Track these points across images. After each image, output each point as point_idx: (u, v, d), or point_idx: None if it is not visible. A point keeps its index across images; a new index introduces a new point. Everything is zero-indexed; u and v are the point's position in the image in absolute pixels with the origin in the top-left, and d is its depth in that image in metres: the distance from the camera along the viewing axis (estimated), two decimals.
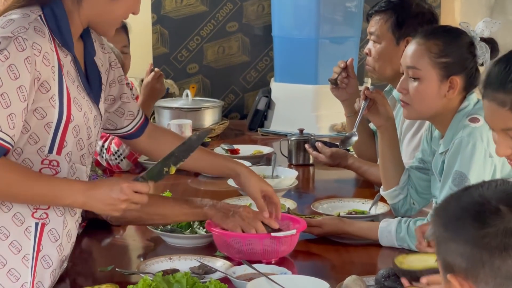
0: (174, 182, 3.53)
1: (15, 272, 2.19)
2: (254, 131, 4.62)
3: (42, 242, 2.21)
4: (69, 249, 2.31)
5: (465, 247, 1.42)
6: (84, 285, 2.23)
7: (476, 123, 2.60)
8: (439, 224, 1.49)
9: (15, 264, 2.18)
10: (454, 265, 1.44)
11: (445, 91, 2.63)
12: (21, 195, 2.13)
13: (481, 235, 1.41)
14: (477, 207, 1.44)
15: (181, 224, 2.73)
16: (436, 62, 2.62)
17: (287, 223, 2.63)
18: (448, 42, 2.63)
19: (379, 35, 3.34)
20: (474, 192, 1.47)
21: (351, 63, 3.47)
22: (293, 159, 3.80)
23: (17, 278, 2.19)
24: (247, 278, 2.28)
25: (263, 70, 5.15)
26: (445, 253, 1.47)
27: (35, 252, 2.20)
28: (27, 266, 2.19)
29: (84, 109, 2.24)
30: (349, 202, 3.07)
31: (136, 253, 2.67)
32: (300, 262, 2.58)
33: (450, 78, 2.62)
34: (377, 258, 2.65)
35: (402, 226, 2.66)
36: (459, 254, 1.43)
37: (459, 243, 1.43)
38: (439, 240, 1.48)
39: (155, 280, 2.15)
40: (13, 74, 2.08)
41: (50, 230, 2.22)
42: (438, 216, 1.51)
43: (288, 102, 4.59)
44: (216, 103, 4.59)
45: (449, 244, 1.45)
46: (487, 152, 2.57)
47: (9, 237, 2.18)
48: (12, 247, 2.18)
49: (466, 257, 1.42)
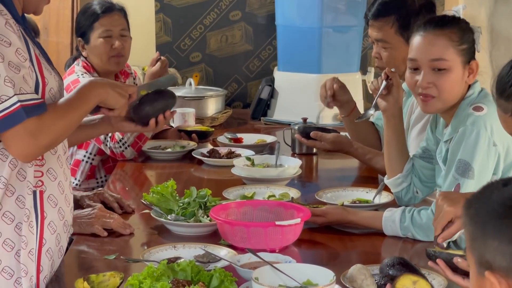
0: (177, 171, 3.54)
1: (9, 241, 2.23)
2: (257, 120, 4.61)
3: (45, 209, 2.27)
4: (69, 214, 2.37)
5: (508, 247, 1.40)
6: (88, 273, 2.23)
7: (480, 112, 2.60)
8: (476, 220, 1.46)
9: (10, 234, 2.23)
10: (493, 263, 1.42)
11: (466, 77, 2.65)
12: (69, 128, 2.28)
13: None
14: None
15: (185, 213, 2.73)
16: (459, 49, 2.63)
17: (291, 211, 2.63)
18: (461, 29, 2.64)
19: (387, 40, 3.31)
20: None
21: (336, 87, 3.50)
22: (296, 148, 3.80)
23: (12, 248, 2.23)
24: (251, 267, 2.28)
25: (266, 59, 5.15)
26: (482, 249, 1.44)
27: (39, 220, 2.25)
28: (32, 232, 2.24)
29: (52, 73, 2.32)
30: (353, 191, 3.07)
31: (140, 241, 2.67)
32: (304, 251, 2.58)
33: (471, 62, 2.64)
34: (381, 247, 2.65)
35: (406, 215, 2.66)
36: (501, 252, 1.41)
37: (502, 242, 1.41)
38: (475, 236, 1.45)
39: (159, 268, 2.15)
40: (5, 42, 2.15)
41: (49, 196, 2.28)
42: (474, 210, 1.48)
43: (291, 91, 4.58)
44: (219, 92, 4.59)
45: (489, 241, 1.42)
46: (491, 141, 2.57)
47: (1, 210, 2.22)
48: (5, 218, 2.23)
49: (509, 256, 1.40)
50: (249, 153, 3.60)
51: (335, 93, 3.52)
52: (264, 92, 4.65)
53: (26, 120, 2.13)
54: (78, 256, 2.56)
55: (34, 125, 2.15)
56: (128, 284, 2.10)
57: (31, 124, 2.14)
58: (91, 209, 2.72)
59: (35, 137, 2.15)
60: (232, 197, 2.97)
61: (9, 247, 2.23)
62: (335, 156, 3.63)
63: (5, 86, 2.12)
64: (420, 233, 2.64)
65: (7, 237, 2.23)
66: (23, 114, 2.13)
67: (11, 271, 2.22)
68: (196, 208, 2.74)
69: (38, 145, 2.17)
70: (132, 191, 3.28)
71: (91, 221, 2.67)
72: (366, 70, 4.79)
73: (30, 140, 2.15)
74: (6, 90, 2.13)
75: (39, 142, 2.16)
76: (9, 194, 2.23)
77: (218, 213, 2.58)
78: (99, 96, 2.35)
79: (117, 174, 3.51)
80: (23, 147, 2.16)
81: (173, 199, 2.79)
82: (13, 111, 2.12)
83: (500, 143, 2.58)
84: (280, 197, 2.99)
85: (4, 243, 2.23)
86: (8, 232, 2.23)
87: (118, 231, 2.68)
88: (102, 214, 2.71)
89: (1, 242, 2.22)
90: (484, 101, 2.64)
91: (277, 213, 2.65)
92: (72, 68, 3.79)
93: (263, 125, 4.52)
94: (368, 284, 2.18)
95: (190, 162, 3.67)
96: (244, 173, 3.29)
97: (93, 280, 2.18)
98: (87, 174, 3.78)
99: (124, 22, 3.81)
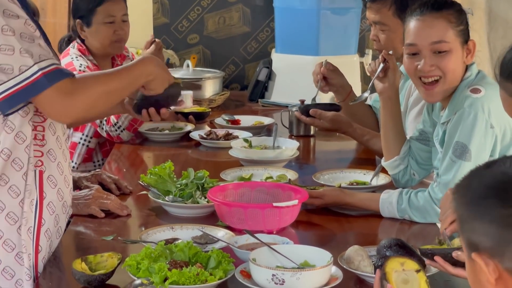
0: (175, 152, 3.54)
1: (13, 215, 2.24)
2: (254, 102, 4.61)
3: (44, 189, 2.27)
4: (68, 195, 2.37)
5: (490, 227, 1.41)
6: (86, 254, 2.23)
7: (478, 94, 2.60)
8: (462, 203, 1.47)
9: (13, 208, 2.24)
10: (479, 244, 1.43)
11: (464, 57, 2.65)
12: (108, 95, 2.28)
13: (507, 214, 1.39)
14: (501, 185, 1.42)
15: (183, 194, 2.73)
16: (457, 30, 2.63)
17: (289, 193, 2.63)
18: (457, 10, 2.64)
19: (385, 23, 3.31)
20: (497, 170, 1.45)
21: (324, 70, 3.53)
22: (294, 130, 3.80)
23: (15, 221, 2.23)
24: (249, 248, 2.28)
25: (264, 41, 5.14)
26: (469, 232, 1.45)
27: (38, 199, 2.25)
28: (31, 210, 2.25)
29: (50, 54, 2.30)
30: (350, 173, 3.07)
31: (138, 222, 2.67)
32: (301, 233, 2.59)
33: (469, 42, 2.64)
34: (378, 229, 2.66)
35: (403, 197, 2.67)
36: (484, 233, 1.42)
37: (484, 223, 1.42)
38: (463, 219, 1.47)
39: (157, 249, 2.16)
40: (13, 16, 2.15)
41: (49, 177, 2.28)
42: (460, 195, 1.49)
43: (289, 73, 4.58)
44: (217, 74, 4.58)
45: (474, 223, 1.43)
46: (488, 123, 2.57)
47: (8, 183, 2.23)
48: (11, 192, 2.24)
49: (492, 236, 1.41)
50: (247, 135, 3.60)
51: (326, 76, 3.53)
52: (262, 74, 4.65)
53: (56, 84, 2.13)
54: (75, 237, 2.56)
55: (68, 85, 2.15)
56: (126, 264, 2.10)
57: (65, 85, 2.14)
58: (88, 190, 2.73)
59: (71, 96, 2.15)
60: (229, 178, 2.98)
61: (12, 220, 2.24)
62: (332, 138, 3.63)
63: (22, 57, 2.13)
64: (417, 215, 2.64)
65: (11, 211, 2.23)
66: (45, 82, 2.13)
67: (12, 244, 2.23)
68: (193, 190, 2.74)
69: (75, 105, 2.17)
70: (129, 172, 3.28)
71: (88, 202, 2.68)
72: (363, 52, 4.78)
73: (65, 100, 2.15)
74: (25, 60, 2.13)
75: (76, 102, 2.16)
76: (17, 168, 2.23)
77: (216, 195, 2.59)
78: (150, 75, 2.38)
79: (114, 156, 3.51)
80: (59, 107, 2.16)
81: (171, 180, 2.79)
82: (35, 80, 2.12)
83: (497, 125, 2.58)
84: (277, 179, 2.99)
85: (7, 216, 2.23)
86: (12, 206, 2.24)
87: (115, 212, 2.68)
88: (99, 195, 2.71)
89: (4, 215, 2.23)
90: (481, 83, 2.63)
91: (274, 195, 2.65)
92: (67, 51, 3.79)
93: (260, 107, 4.52)
94: (365, 265, 2.18)
95: (188, 143, 3.67)
96: (241, 154, 3.29)
97: (91, 260, 2.19)
98: (84, 156, 3.78)
99: (125, 7, 3.81)
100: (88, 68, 3.69)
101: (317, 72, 3.56)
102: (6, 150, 2.22)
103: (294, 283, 2.02)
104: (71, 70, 3.62)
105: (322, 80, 3.54)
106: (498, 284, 1.43)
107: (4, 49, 2.12)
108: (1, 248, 2.23)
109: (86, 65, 3.69)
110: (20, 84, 2.12)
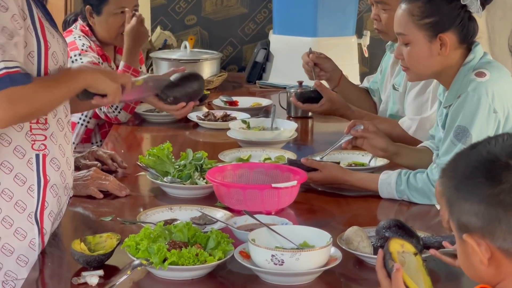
0: (173, 133, 3.53)
1: (21, 203, 2.24)
2: (252, 84, 4.60)
3: (48, 172, 2.26)
4: (70, 178, 2.36)
5: (479, 206, 1.41)
6: (85, 235, 2.23)
7: (482, 78, 2.57)
8: (449, 185, 1.47)
9: (21, 196, 2.24)
10: (469, 224, 1.43)
11: (437, 50, 2.61)
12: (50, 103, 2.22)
13: (495, 193, 1.40)
14: (488, 165, 1.43)
15: (181, 175, 2.73)
16: (420, 24, 2.60)
17: (288, 174, 2.63)
18: (428, 2, 2.61)
19: (387, 2, 3.28)
20: (482, 150, 1.46)
21: (313, 57, 3.55)
22: (292, 112, 3.79)
23: (24, 209, 2.24)
24: (248, 229, 2.28)
25: (262, 22, 5.12)
26: (458, 214, 1.45)
27: (41, 183, 2.25)
28: (32, 196, 2.24)
29: (55, 36, 2.29)
30: (348, 154, 3.07)
31: (136, 203, 2.66)
32: (300, 213, 2.59)
33: (439, 36, 2.60)
34: (377, 210, 2.66)
35: (402, 178, 2.66)
36: (474, 213, 1.42)
37: (473, 203, 1.42)
38: (451, 201, 1.47)
39: (156, 230, 2.16)
40: (2, 6, 2.12)
41: (52, 160, 2.27)
42: (447, 177, 1.49)
43: (287, 55, 4.56)
44: (215, 55, 4.57)
45: (462, 204, 1.44)
46: (492, 108, 2.54)
47: (13, 170, 2.22)
48: (17, 179, 2.23)
49: (481, 216, 1.41)
50: (245, 116, 3.59)
51: (317, 63, 3.54)
52: (260, 56, 4.64)
53: (9, 88, 2.08)
54: (74, 217, 2.56)
55: (15, 93, 2.10)
56: (125, 245, 2.10)
57: (12, 92, 2.09)
58: (87, 171, 2.72)
59: (14, 104, 2.10)
60: (227, 159, 2.97)
61: (21, 208, 2.24)
62: (331, 119, 3.62)
63: None
64: (416, 196, 2.64)
65: (19, 199, 2.24)
66: (7, 81, 2.08)
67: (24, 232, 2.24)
68: (192, 171, 2.74)
69: (15, 113, 2.11)
70: (127, 153, 3.28)
71: (86, 183, 2.67)
72: (361, 33, 4.76)
73: (8, 106, 2.09)
74: None
75: (17, 110, 2.11)
76: (19, 156, 2.23)
77: (215, 176, 2.58)
78: (86, 79, 2.28)
79: (112, 137, 3.51)
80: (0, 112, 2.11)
81: (169, 161, 2.78)
82: None
83: (500, 110, 2.56)
84: (276, 160, 2.99)
85: (16, 205, 2.23)
86: (20, 194, 2.24)
87: (114, 193, 2.68)
88: (98, 176, 2.70)
89: (12, 204, 2.23)
90: (487, 66, 2.60)
91: (273, 176, 2.65)
92: (69, 31, 3.77)
93: (258, 89, 4.51)
94: (364, 246, 2.18)
95: (186, 125, 3.66)
96: (239, 136, 3.28)
97: (90, 241, 2.18)
98: (83, 137, 3.77)
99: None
100: (91, 48, 3.67)
101: (307, 61, 3.57)
102: (6, 137, 2.22)
103: (293, 263, 2.02)
104: (73, 49, 3.62)
105: (315, 67, 3.56)
106: (491, 264, 1.44)
107: None
108: (13, 237, 2.23)
109: (88, 45, 3.67)
110: None
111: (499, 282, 1.45)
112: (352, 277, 2.13)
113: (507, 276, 1.44)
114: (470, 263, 1.47)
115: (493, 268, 1.44)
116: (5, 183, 2.23)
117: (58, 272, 2.20)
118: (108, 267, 2.11)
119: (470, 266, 1.48)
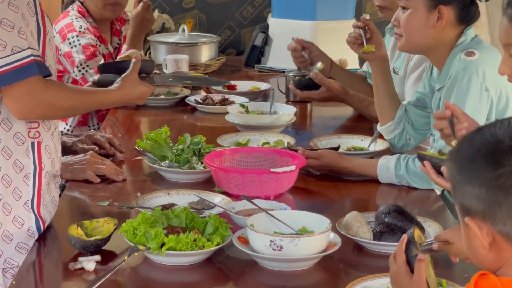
0: (171, 118, 3.51)
1: (18, 191, 2.25)
2: (251, 67, 4.57)
3: (43, 160, 2.26)
4: (58, 164, 2.37)
5: (480, 189, 1.40)
6: (82, 219, 2.22)
7: (472, 57, 2.58)
8: (453, 168, 1.46)
9: (17, 183, 2.24)
10: (470, 208, 1.42)
11: (433, 21, 2.62)
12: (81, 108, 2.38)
13: (496, 176, 1.38)
14: (490, 148, 1.41)
15: (179, 159, 2.71)
16: None
17: (286, 159, 2.61)
18: None
19: None
20: (486, 133, 1.44)
21: (298, 41, 3.59)
22: (290, 96, 3.77)
23: (19, 196, 2.25)
24: (246, 214, 2.26)
25: (260, 5, 5.09)
26: (461, 196, 1.44)
27: (37, 171, 2.25)
28: (27, 184, 2.24)
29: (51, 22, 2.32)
30: (348, 139, 3.05)
31: (134, 188, 2.65)
32: (299, 199, 2.57)
33: (439, 7, 2.61)
34: (376, 195, 2.64)
35: (401, 163, 2.65)
36: (475, 196, 1.41)
37: (474, 186, 1.41)
38: (455, 184, 1.46)
39: (153, 215, 2.14)
40: None
41: (45, 147, 2.28)
42: (451, 160, 1.48)
43: (286, 38, 4.49)
44: (213, 39, 4.54)
45: (464, 187, 1.43)
46: (483, 86, 2.55)
47: (12, 156, 2.22)
48: (15, 166, 2.23)
49: (482, 199, 1.40)
50: (243, 100, 3.57)
51: (306, 47, 3.57)
52: (258, 39, 4.61)
53: (37, 75, 2.10)
54: (71, 202, 2.54)
55: (41, 84, 2.13)
56: (122, 230, 2.08)
57: (39, 82, 2.12)
58: (83, 155, 2.70)
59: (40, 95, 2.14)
60: (226, 144, 2.95)
61: (17, 196, 2.25)
62: (329, 104, 3.60)
63: (19, 38, 2.09)
64: (416, 181, 2.63)
65: (16, 186, 2.24)
66: (36, 68, 2.10)
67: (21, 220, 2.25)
68: (190, 155, 2.72)
69: (40, 104, 2.15)
70: (124, 137, 3.25)
71: (83, 167, 2.65)
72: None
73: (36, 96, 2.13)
74: (21, 42, 2.09)
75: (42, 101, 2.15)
76: (19, 143, 2.22)
77: (213, 160, 2.56)
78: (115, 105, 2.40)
79: (109, 121, 3.49)
80: (25, 104, 2.13)
81: (167, 145, 2.76)
82: (26, 63, 2.09)
83: (492, 88, 2.56)
84: (274, 144, 2.97)
85: (13, 192, 2.24)
86: (17, 182, 2.24)
87: (111, 177, 2.66)
88: (95, 160, 2.68)
89: (10, 190, 2.23)
90: (476, 46, 2.63)
91: (271, 160, 2.63)
92: (66, 12, 3.76)
93: (256, 72, 4.48)
94: (363, 231, 2.17)
95: (183, 109, 3.64)
96: (238, 120, 3.26)
97: (87, 226, 2.17)
98: (79, 120, 3.76)
99: None
100: (88, 30, 3.67)
101: (294, 46, 3.57)
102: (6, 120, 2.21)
103: (292, 249, 2.00)
104: (71, 31, 3.62)
105: (305, 51, 3.56)
106: (492, 248, 1.43)
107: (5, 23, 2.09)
108: (12, 224, 2.24)
109: (86, 27, 3.67)
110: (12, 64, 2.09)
111: (499, 268, 1.44)
112: (351, 263, 2.12)
113: (507, 261, 1.43)
114: (472, 247, 1.46)
115: (493, 253, 1.43)
116: (4, 168, 2.22)
117: (55, 257, 2.19)
118: (105, 252, 2.10)
119: (472, 250, 1.47)
